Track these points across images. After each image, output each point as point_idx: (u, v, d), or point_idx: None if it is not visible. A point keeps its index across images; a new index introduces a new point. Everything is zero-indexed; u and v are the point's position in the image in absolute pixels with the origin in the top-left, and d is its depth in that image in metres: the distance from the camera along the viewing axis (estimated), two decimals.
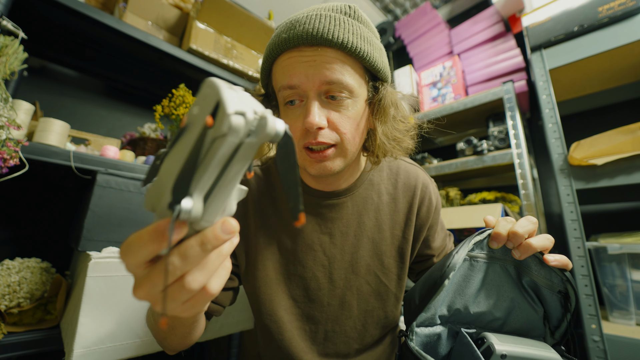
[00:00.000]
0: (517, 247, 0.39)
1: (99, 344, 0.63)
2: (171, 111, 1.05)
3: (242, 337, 1.12)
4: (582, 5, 0.90)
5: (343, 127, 0.45)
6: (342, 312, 0.55)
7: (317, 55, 0.42)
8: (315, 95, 0.43)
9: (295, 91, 0.44)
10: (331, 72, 0.42)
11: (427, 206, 0.59)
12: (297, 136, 0.45)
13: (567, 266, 0.39)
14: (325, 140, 0.44)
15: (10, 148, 0.68)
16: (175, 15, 1.20)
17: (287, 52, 0.44)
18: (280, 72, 0.45)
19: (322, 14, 0.43)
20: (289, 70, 0.43)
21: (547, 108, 0.93)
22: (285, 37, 0.43)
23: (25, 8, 0.93)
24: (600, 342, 0.76)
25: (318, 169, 0.46)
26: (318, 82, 0.42)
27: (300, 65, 0.42)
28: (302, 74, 0.42)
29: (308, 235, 0.55)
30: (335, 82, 0.42)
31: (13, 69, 0.73)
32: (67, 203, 1.10)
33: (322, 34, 0.41)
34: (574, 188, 0.85)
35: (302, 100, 0.45)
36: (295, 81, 0.43)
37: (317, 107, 0.43)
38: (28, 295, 0.73)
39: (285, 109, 0.46)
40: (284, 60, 0.44)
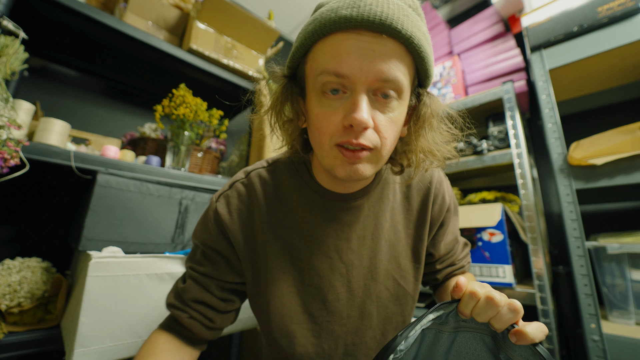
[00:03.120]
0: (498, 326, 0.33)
1: (100, 344, 0.63)
2: (171, 111, 1.05)
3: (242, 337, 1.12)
4: (581, 5, 0.90)
5: (385, 131, 0.40)
6: (362, 323, 0.51)
7: (378, 44, 0.36)
8: (365, 90, 0.38)
9: (341, 80, 0.37)
10: (389, 67, 0.37)
11: (440, 204, 0.56)
12: (330, 131, 0.40)
13: (536, 339, 0.31)
14: (366, 143, 0.39)
15: (10, 148, 0.68)
16: (176, 15, 1.20)
17: (342, 32, 0.37)
18: (328, 54, 0.38)
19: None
20: (341, 55, 0.37)
21: (547, 108, 0.94)
22: (345, 15, 0.36)
23: (26, 8, 0.94)
24: (600, 341, 0.76)
25: (348, 172, 0.41)
26: (372, 77, 0.37)
27: (356, 52, 0.36)
28: (356, 63, 0.36)
29: (324, 242, 0.51)
30: (391, 79, 0.37)
31: (14, 69, 0.74)
32: (67, 203, 1.10)
33: (390, 22, 0.35)
34: (574, 188, 0.85)
35: (346, 92, 0.39)
36: (346, 69, 0.37)
37: (366, 103, 0.37)
38: (28, 294, 0.74)
39: (322, 97, 0.40)
40: (336, 41, 0.37)
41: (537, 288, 0.91)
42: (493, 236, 1.00)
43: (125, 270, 0.68)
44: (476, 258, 1.03)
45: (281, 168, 0.54)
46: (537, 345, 0.31)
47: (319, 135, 0.41)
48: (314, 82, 0.40)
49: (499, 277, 0.98)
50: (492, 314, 0.33)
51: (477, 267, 1.02)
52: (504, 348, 0.35)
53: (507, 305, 0.32)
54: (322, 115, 0.40)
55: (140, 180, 0.84)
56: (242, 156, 1.43)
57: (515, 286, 0.95)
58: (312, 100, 0.42)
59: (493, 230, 1.00)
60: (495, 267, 0.99)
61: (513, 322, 0.32)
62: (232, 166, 1.45)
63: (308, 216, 0.51)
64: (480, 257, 1.02)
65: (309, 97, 0.43)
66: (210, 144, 1.27)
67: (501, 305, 0.32)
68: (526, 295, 0.93)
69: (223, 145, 1.33)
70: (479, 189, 1.39)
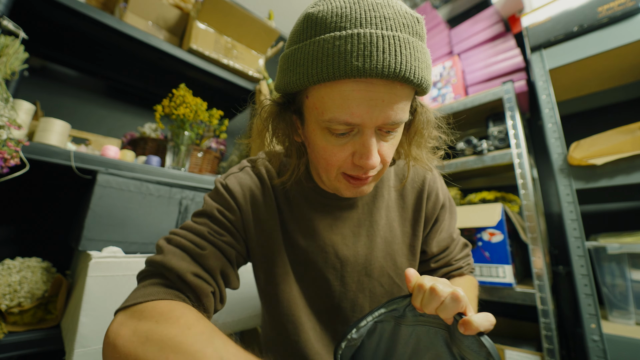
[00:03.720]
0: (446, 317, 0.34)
1: (100, 344, 0.63)
2: (171, 111, 1.05)
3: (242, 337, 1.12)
4: (581, 5, 0.90)
5: (388, 157, 0.42)
6: (354, 315, 0.53)
7: (387, 94, 0.36)
8: (373, 131, 0.39)
9: (350, 127, 0.38)
10: (396, 113, 0.38)
11: (434, 201, 0.58)
12: (338, 164, 0.41)
13: (481, 327, 0.32)
14: (373, 174, 0.42)
15: (11, 148, 0.68)
16: (176, 15, 1.20)
17: (352, 80, 0.35)
18: (337, 103, 0.37)
19: (399, 36, 0.35)
20: (351, 106, 0.36)
21: (547, 108, 0.94)
22: (358, 66, 0.34)
23: (26, 8, 0.94)
24: (600, 341, 0.76)
25: (354, 193, 0.45)
26: (381, 122, 0.38)
27: (366, 103, 0.36)
28: (367, 115, 0.36)
29: (320, 236, 0.53)
30: (397, 123, 0.39)
31: (14, 69, 0.74)
32: (67, 203, 1.10)
33: (403, 73, 0.35)
34: (574, 188, 0.85)
35: (353, 130, 0.39)
36: (356, 120, 0.37)
37: (375, 145, 0.39)
38: (29, 294, 0.74)
39: (328, 134, 0.40)
40: (346, 91, 0.36)
41: (537, 288, 0.91)
42: (493, 236, 1.00)
43: (125, 270, 0.68)
44: (476, 258, 1.03)
45: (282, 164, 0.56)
46: (482, 335, 0.32)
47: (326, 165, 0.42)
48: (317, 119, 0.40)
49: (499, 277, 0.98)
50: (436, 304, 0.34)
51: (477, 267, 1.02)
52: (455, 341, 0.36)
53: (449, 295, 0.33)
54: (330, 149, 0.41)
55: (140, 180, 0.84)
56: (242, 156, 1.43)
57: (515, 286, 0.95)
58: (315, 132, 0.41)
59: (493, 230, 1.00)
60: (495, 267, 0.99)
61: (457, 312, 0.33)
62: (232, 166, 1.45)
63: (305, 209, 0.53)
64: (480, 257, 1.02)
65: (311, 127, 0.42)
66: (210, 144, 1.27)
67: (443, 296, 0.33)
68: (526, 295, 0.93)
69: (223, 145, 1.33)
70: (479, 189, 1.39)
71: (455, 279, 0.60)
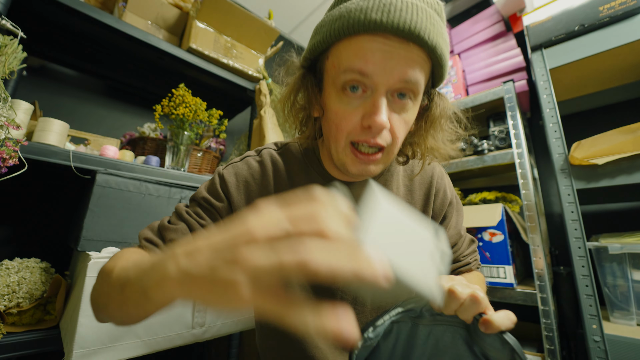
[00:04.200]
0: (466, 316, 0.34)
1: (99, 344, 0.62)
2: (171, 111, 1.05)
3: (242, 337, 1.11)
4: (583, 4, 0.90)
5: (398, 132, 0.42)
6: (355, 307, 0.53)
7: (404, 49, 0.37)
8: (385, 91, 0.39)
9: (363, 78, 0.38)
10: (413, 71, 0.38)
11: (442, 198, 0.58)
12: (348, 129, 0.41)
13: (502, 326, 0.32)
14: (381, 142, 0.41)
15: (9, 148, 0.68)
16: (175, 15, 1.20)
17: (369, 34, 0.37)
18: (354, 53, 0.38)
19: (418, 4, 0.37)
20: (367, 55, 0.37)
21: (548, 108, 0.93)
22: (375, 19, 0.36)
23: (25, 7, 0.93)
24: (601, 342, 0.75)
25: (360, 170, 0.43)
26: (396, 78, 0.38)
27: (382, 53, 0.37)
28: (381, 64, 0.37)
29: None
30: (412, 82, 0.39)
31: (12, 69, 0.73)
32: (66, 203, 1.10)
33: (418, 31, 0.36)
34: (575, 188, 0.85)
35: (366, 90, 0.40)
36: (370, 69, 0.37)
37: (385, 105, 0.39)
38: (27, 295, 0.73)
39: (342, 94, 0.41)
40: (363, 41, 0.38)
41: (538, 288, 0.91)
42: (494, 236, 1.00)
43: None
44: None
45: (290, 152, 0.56)
46: (504, 333, 0.32)
47: (336, 131, 0.43)
48: (335, 77, 0.41)
49: (499, 277, 0.97)
50: (455, 306, 0.33)
51: None
52: (477, 340, 0.36)
53: (469, 297, 0.33)
54: (341, 112, 0.41)
55: (139, 180, 0.84)
56: None
57: (516, 286, 0.95)
58: (331, 95, 0.42)
59: (494, 231, 1.00)
60: (496, 267, 0.98)
61: (478, 313, 0.33)
62: None
63: None
64: (481, 258, 1.02)
65: (328, 91, 0.43)
66: (209, 144, 1.27)
67: (463, 298, 0.33)
68: (527, 295, 0.93)
69: (223, 145, 1.32)
70: (480, 189, 1.39)
71: (464, 275, 0.60)
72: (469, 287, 0.34)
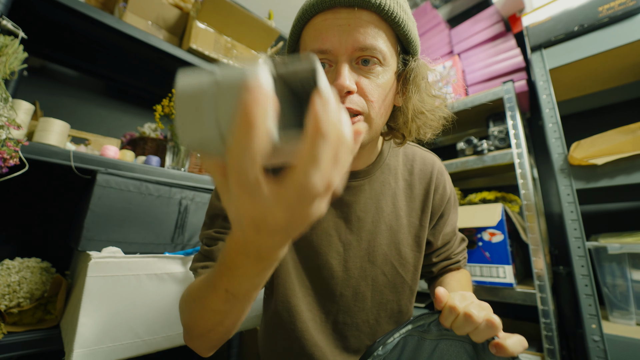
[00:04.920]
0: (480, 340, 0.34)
1: (99, 344, 0.62)
2: (171, 111, 1.05)
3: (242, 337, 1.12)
4: (582, 5, 0.90)
5: (371, 95, 0.42)
6: (355, 304, 0.52)
7: (352, 19, 0.40)
8: (347, 59, 0.41)
9: (325, 56, 0.42)
10: (364, 36, 0.41)
11: (441, 194, 0.58)
12: None
13: (515, 352, 0.33)
14: (352, 107, 0.42)
15: (10, 148, 0.68)
16: (175, 15, 1.20)
17: (320, 14, 0.42)
18: (312, 36, 0.43)
19: None
20: (322, 33, 0.41)
21: (547, 108, 0.93)
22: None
23: (26, 7, 0.93)
24: (601, 342, 0.76)
25: None
26: (351, 48, 0.41)
27: (334, 29, 0.41)
28: (335, 38, 0.41)
29: (324, 219, 0.52)
30: (368, 47, 0.41)
31: (13, 69, 0.73)
32: (67, 203, 1.10)
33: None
34: (574, 188, 0.85)
35: (332, 65, 0.42)
36: (327, 45, 0.41)
37: (347, 70, 0.41)
38: (28, 295, 0.73)
39: None
40: (317, 23, 0.42)
41: (537, 288, 0.91)
42: (493, 236, 1.00)
43: (125, 271, 0.68)
44: (476, 258, 1.03)
45: None
46: (515, 359, 0.32)
47: None
48: None
49: (499, 277, 0.97)
50: (470, 329, 0.34)
51: (478, 268, 1.02)
52: (484, 358, 0.36)
53: (485, 322, 0.33)
54: None
55: (140, 180, 0.84)
56: None
57: (515, 286, 0.95)
58: None
59: (493, 231, 1.00)
60: (495, 267, 0.98)
61: (491, 336, 0.33)
62: None
63: None
64: (481, 257, 1.02)
65: None
66: None
67: (479, 322, 0.33)
68: (527, 295, 0.93)
69: None
70: (479, 189, 1.39)
71: (453, 273, 0.61)
72: (482, 309, 0.34)
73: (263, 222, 0.21)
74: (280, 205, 0.20)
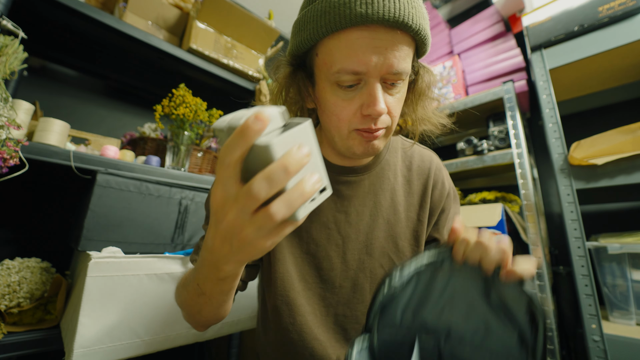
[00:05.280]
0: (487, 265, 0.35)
1: (99, 344, 0.62)
2: (171, 111, 1.05)
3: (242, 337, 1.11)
4: (582, 5, 0.90)
5: (395, 111, 0.44)
6: (354, 296, 0.53)
7: (390, 41, 0.38)
8: (379, 80, 0.41)
9: (358, 77, 0.40)
10: (399, 61, 0.40)
11: (440, 190, 0.59)
12: (348, 119, 0.43)
13: (524, 273, 0.34)
14: (382, 126, 0.44)
15: (10, 148, 0.68)
16: (175, 15, 1.20)
17: (356, 28, 0.38)
18: (344, 53, 0.39)
19: None
20: (358, 54, 0.38)
21: (548, 108, 0.93)
22: (361, 12, 0.36)
23: (26, 8, 0.93)
24: (601, 342, 0.76)
25: (366, 149, 0.45)
26: (385, 70, 0.40)
27: (372, 50, 0.38)
28: (372, 60, 0.38)
29: (323, 213, 0.54)
30: (401, 71, 0.40)
31: (13, 69, 0.73)
32: (67, 203, 1.10)
33: (403, 19, 0.37)
34: (574, 188, 0.85)
35: (360, 82, 0.41)
36: (363, 68, 0.39)
37: (381, 93, 0.41)
38: (28, 295, 0.73)
39: (337, 88, 0.42)
40: (352, 39, 0.38)
41: (537, 288, 0.91)
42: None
43: (125, 271, 0.68)
44: None
45: None
46: (523, 284, 0.33)
47: (338, 121, 0.44)
48: (327, 74, 0.42)
49: None
50: (480, 254, 0.35)
51: None
52: (495, 287, 0.36)
53: (496, 246, 0.35)
54: (340, 103, 0.43)
55: (140, 180, 0.84)
56: None
57: None
58: (325, 88, 0.44)
59: (493, 230, 1.00)
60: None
61: (502, 263, 0.34)
62: None
63: None
64: None
65: (321, 86, 0.45)
66: (210, 144, 1.27)
67: (489, 246, 0.35)
68: None
69: None
70: (480, 189, 1.39)
71: (454, 223, 0.63)
72: (495, 237, 0.36)
73: (230, 234, 0.26)
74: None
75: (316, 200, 0.29)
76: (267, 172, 0.23)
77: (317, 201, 0.29)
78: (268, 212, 0.24)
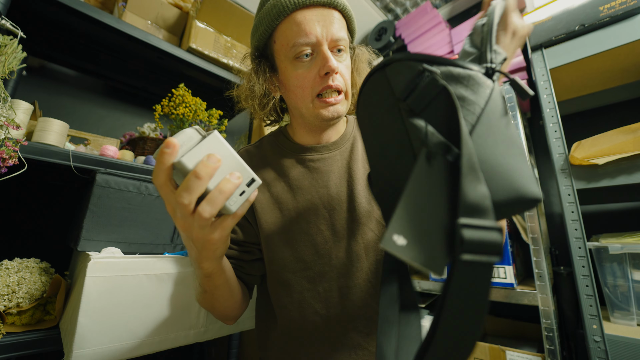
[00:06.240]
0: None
1: (98, 345, 0.62)
2: (171, 111, 1.05)
3: (242, 337, 1.11)
4: (583, 4, 0.90)
5: (345, 75, 0.54)
6: (352, 264, 0.55)
7: (327, 15, 0.51)
8: (328, 48, 0.51)
9: (311, 47, 0.50)
10: (337, 30, 0.51)
11: None
12: (310, 84, 0.52)
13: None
14: (339, 85, 0.52)
15: (9, 148, 0.68)
16: (175, 15, 1.20)
17: (299, 11, 0.50)
18: (296, 30, 0.50)
19: None
20: (306, 27, 0.49)
21: (548, 108, 0.93)
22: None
23: (25, 7, 0.93)
24: (602, 342, 0.75)
25: (332, 112, 0.53)
26: (330, 38, 0.50)
27: (316, 23, 0.50)
28: (318, 30, 0.50)
29: (307, 190, 0.58)
30: (340, 38, 0.51)
31: (12, 69, 0.73)
32: (66, 203, 1.10)
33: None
34: (575, 188, 0.84)
35: (314, 53, 0.51)
36: (312, 38, 0.49)
37: (331, 55, 0.50)
38: (27, 295, 0.73)
39: (296, 62, 0.52)
40: (299, 18, 0.50)
41: (538, 288, 0.91)
42: None
43: (124, 271, 0.68)
44: None
45: (265, 142, 0.66)
46: (517, 85, 0.33)
47: (302, 92, 0.53)
48: (286, 53, 0.52)
49: (499, 277, 0.97)
50: None
51: None
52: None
53: None
54: (301, 74, 0.52)
55: (139, 180, 0.84)
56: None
57: (516, 286, 0.95)
58: (287, 68, 0.53)
59: None
60: (496, 267, 0.98)
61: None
62: None
63: (292, 171, 0.60)
64: None
65: (283, 66, 0.54)
66: None
67: None
68: (527, 295, 0.92)
69: None
70: None
71: None
72: None
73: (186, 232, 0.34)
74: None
75: (246, 192, 0.33)
76: (184, 182, 0.30)
77: (247, 193, 0.33)
78: (198, 212, 0.31)
